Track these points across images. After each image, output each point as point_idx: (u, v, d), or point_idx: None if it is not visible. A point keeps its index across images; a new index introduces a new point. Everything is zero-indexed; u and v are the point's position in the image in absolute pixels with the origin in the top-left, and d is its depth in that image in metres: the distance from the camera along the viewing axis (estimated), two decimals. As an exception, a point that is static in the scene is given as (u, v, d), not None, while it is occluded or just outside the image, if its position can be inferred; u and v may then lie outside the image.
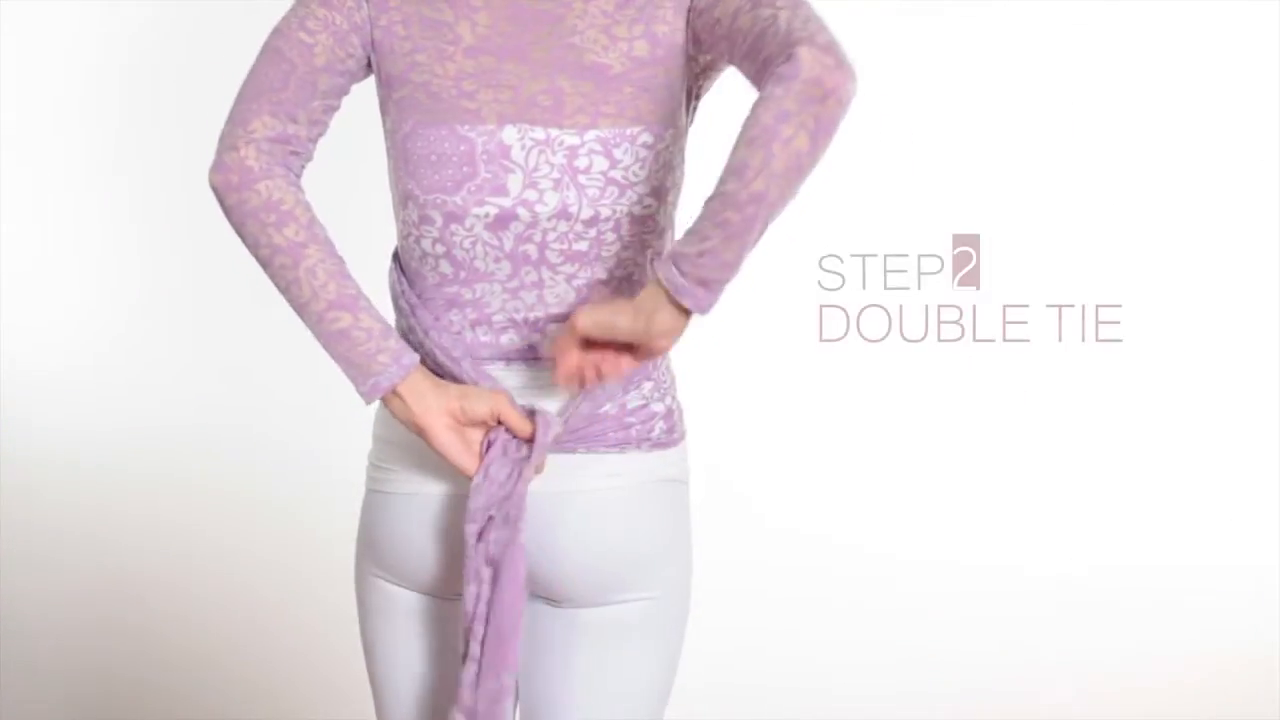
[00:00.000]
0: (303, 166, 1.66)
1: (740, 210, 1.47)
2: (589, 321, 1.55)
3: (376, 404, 1.71)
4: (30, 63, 3.58)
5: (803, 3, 1.54)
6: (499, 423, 1.60)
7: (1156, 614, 3.59)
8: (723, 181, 1.49)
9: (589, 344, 1.57)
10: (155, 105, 3.56)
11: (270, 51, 1.64)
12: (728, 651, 3.31)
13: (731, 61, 1.60)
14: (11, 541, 3.56)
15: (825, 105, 1.45)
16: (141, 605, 3.55)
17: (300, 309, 1.61)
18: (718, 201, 1.48)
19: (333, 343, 1.60)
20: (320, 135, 1.67)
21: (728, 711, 3.36)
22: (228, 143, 1.61)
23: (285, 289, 1.61)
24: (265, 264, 1.61)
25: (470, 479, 1.61)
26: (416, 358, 1.61)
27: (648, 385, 1.69)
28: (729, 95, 1.73)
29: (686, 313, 1.53)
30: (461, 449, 1.60)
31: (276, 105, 1.62)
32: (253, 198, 1.60)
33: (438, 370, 1.65)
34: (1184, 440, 3.68)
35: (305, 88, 1.63)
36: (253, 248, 1.61)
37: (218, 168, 1.61)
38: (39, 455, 3.61)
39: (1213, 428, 3.68)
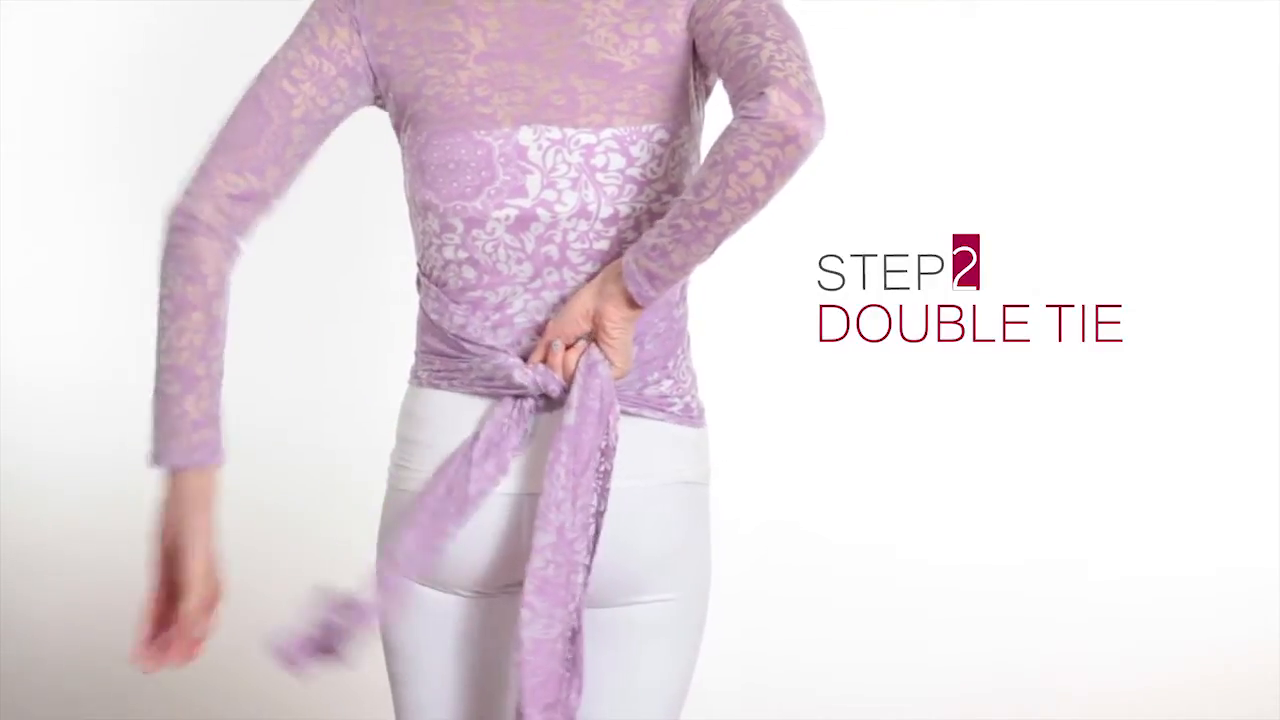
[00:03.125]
0: (261, 220, 1.68)
1: (692, 221, 1.52)
2: (554, 325, 1.62)
3: (399, 406, 1.74)
4: (31, 65, 3.57)
5: (793, 35, 1.55)
6: (199, 608, 1.67)
7: (1156, 614, 3.59)
8: (686, 190, 1.54)
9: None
10: (155, 112, 3.55)
11: (250, 99, 1.67)
12: (727, 651, 3.30)
13: (717, 75, 1.61)
14: (13, 543, 3.56)
15: (784, 150, 1.48)
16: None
17: (157, 349, 1.66)
18: (677, 207, 1.54)
19: (154, 399, 1.65)
20: (290, 184, 1.69)
21: (727, 711, 3.36)
22: (193, 189, 1.65)
23: (158, 324, 1.66)
24: (161, 297, 1.65)
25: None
26: (217, 467, 1.65)
27: (667, 384, 1.69)
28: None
29: (631, 301, 1.58)
30: (190, 579, 1.66)
31: (243, 162, 1.64)
32: (183, 246, 1.63)
33: (466, 367, 1.66)
34: (1184, 441, 3.67)
35: (278, 142, 1.65)
36: (159, 281, 1.66)
37: (175, 210, 1.65)
38: (39, 456, 3.61)
39: (1213, 428, 3.67)
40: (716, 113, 1.75)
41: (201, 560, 1.65)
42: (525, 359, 1.66)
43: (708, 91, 1.70)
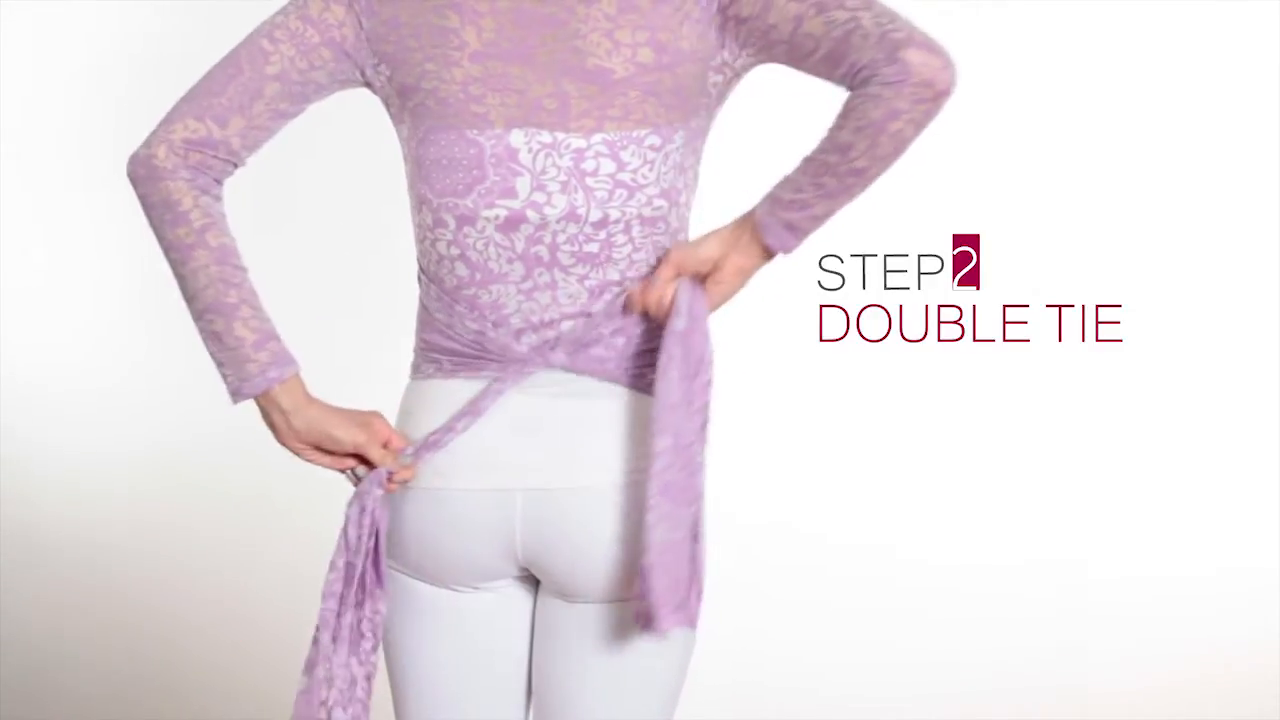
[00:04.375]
0: (227, 168, 1.69)
1: (840, 179, 1.57)
2: (680, 255, 1.64)
3: (397, 404, 1.75)
4: (30, 67, 3.58)
5: (874, 1, 1.56)
6: (361, 458, 1.68)
7: (1156, 614, 3.59)
8: (823, 151, 1.58)
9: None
10: (157, 111, 3.55)
11: (227, 56, 1.69)
12: (726, 651, 3.31)
13: (793, 64, 1.62)
14: (13, 546, 3.56)
15: (936, 103, 1.55)
16: (146, 612, 3.55)
17: (186, 303, 1.68)
18: (817, 166, 1.58)
19: (206, 342, 1.67)
20: (259, 142, 1.70)
21: (727, 711, 3.36)
22: (148, 139, 1.67)
23: (176, 281, 1.67)
24: (163, 254, 1.68)
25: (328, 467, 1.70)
26: (287, 374, 1.66)
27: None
28: (736, 99, 1.74)
29: (766, 252, 1.62)
30: (326, 461, 1.69)
31: (204, 109, 1.66)
32: (153, 193, 1.65)
33: (477, 354, 1.68)
34: (1184, 441, 3.67)
35: (246, 93, 1.66)
36: (155, 237, 1.68)
37: (131, 159, 1.67)
38: (40, 457, 3.61)
39: (1213, 428, 3.68)
40: (718, 116, 1.76)
41: (344, 428, 1.67)
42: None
43: (721, 98, 1.70)
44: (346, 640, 1.68)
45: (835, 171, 1.57)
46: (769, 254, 1.64)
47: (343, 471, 1.71)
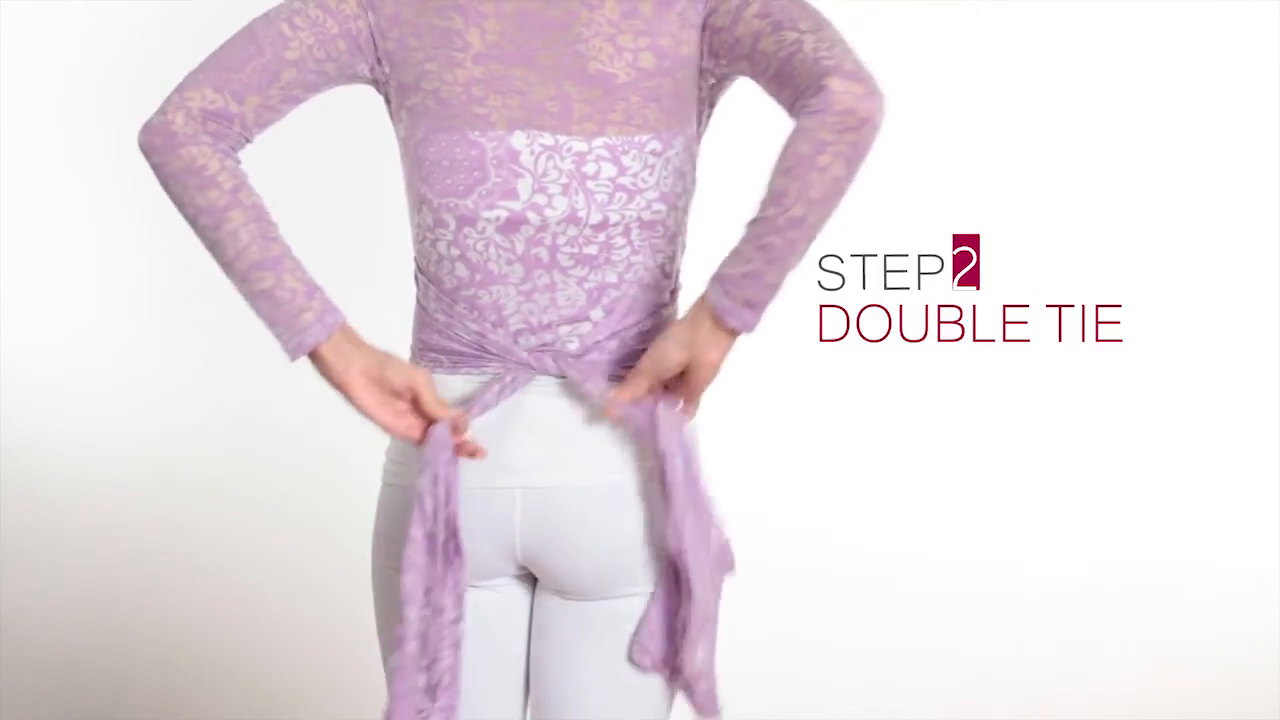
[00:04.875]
0: (240, 141, 1.67)
1: (781, 234, 1.52)
2: (649, 375, 1.62)
3: None
4: (33, 63, 3.58)
5: (822, 21, 1.57)
6: (414, 400, 1.63)
7: (1156, 614, 3.59)
8: (763, 207, 1.54)
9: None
10: (156, 103, 3.55)
11: (244, 32, 1.67)
12: (727, 651, 3.30)
13: (755, 80, 1.62)
14: (14, 544, 3.56)
15: (860, 133, 1.51)
16: (148, 608, 3.55)
17: (225, 268, 1.63)
18: (759, 226, 1.54)
19: (256, 302, 1.63)
20: (270, 122, 1.68)
21: (727, 711, 3.35)
22: (162, 106, 1.64)
23: (210, 248, 1.63)
24: (191, 223, 1.63)
25: (387, 434, 1.66)
26: (342, 318, 1.64)
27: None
28: (737, 102, 1.74)
29: (732, 334, 1.59)
30: (379, 406, 1.63)
31: (223, 82, 1.64)
32: (174, 161, 1.62)
33: (478, 354, 1.68)
34: (1184, 441, 3.68)
35: (265, 74, 1.65)
36: (178, 207, 1.64)
37: (145, 129, 1.64)
38: (41, 456, 3.61)
39: (1213, 428, 3.68)
40: (721, 118, 1.76)
41: (395, 368, 1.63)
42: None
43: (711, 104, 1.71)
44: (431, 612, 1.64)
45: (775, 226, 1.52)
46: (734, 335, 1.60)
47: (390, 431, 1.66)
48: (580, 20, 1.64)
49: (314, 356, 1.63)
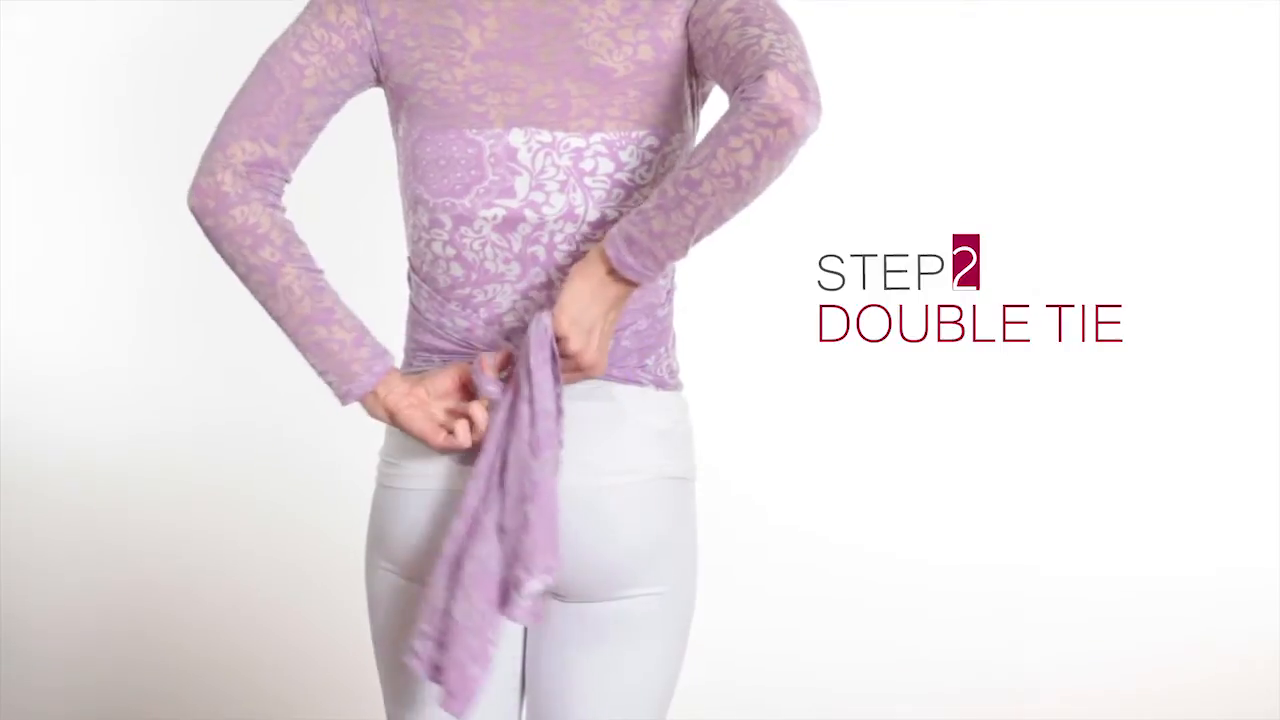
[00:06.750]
0: (283, 186, 1.70)
1: (675, 187, 1.51)
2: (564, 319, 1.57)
3: None
4: (32, 63, 3.58)
5: (790, 29, 1.56)
6: (463, 384, 1.65)
7: (1156, 614, 3.59)
8: (678, 163, 1.61)
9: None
10: (158, 105, 3.55)
11: (261, 70, 1.68)
12: (727, 651, 3.31)
13: (713, 75, 1.61)
14: (14, 543, 3.56)
15: (776, 132, 1.48)
16: (147, 607, 3.55)
17: (278, 320, 1.67)
18: (666, 178, 1.56)
19: (308, 353, 1.67)
20: (302, 156, 1.71)
21: (727, 711, 3.36)
22: (206, 166, 1.65)
23: (263, 302, 1.67)
24: (243, 279, 1.67)
25: (438, 450, 1.65)
26: (390, 362, 1.67)
27: (647, 380, 1.69)
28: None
29: (606, 262, 1.55)
30: (433, 433, 1.65)
31: (257, 130, 1.66)
32: (228, 222, 1.64)
33: (465, 350, 1.68)
34: (1184, 441, 3.68)
35: (289, 110, 1.67)
36: (230, 264, 1.67)
37: (195, 191, 1.65)
38: (41, 456, 3.61)
39: (1213, 428, 3.68)
40: (711, 119, 1.76)
41: (441, 375, 1.65)
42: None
43: (703, 99, 1.71)
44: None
45: (675, 178, 1.51)
46: (608, 267, 1.55)
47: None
48: (581, 16, 1.64)
49: (362, 400, 1.67)
